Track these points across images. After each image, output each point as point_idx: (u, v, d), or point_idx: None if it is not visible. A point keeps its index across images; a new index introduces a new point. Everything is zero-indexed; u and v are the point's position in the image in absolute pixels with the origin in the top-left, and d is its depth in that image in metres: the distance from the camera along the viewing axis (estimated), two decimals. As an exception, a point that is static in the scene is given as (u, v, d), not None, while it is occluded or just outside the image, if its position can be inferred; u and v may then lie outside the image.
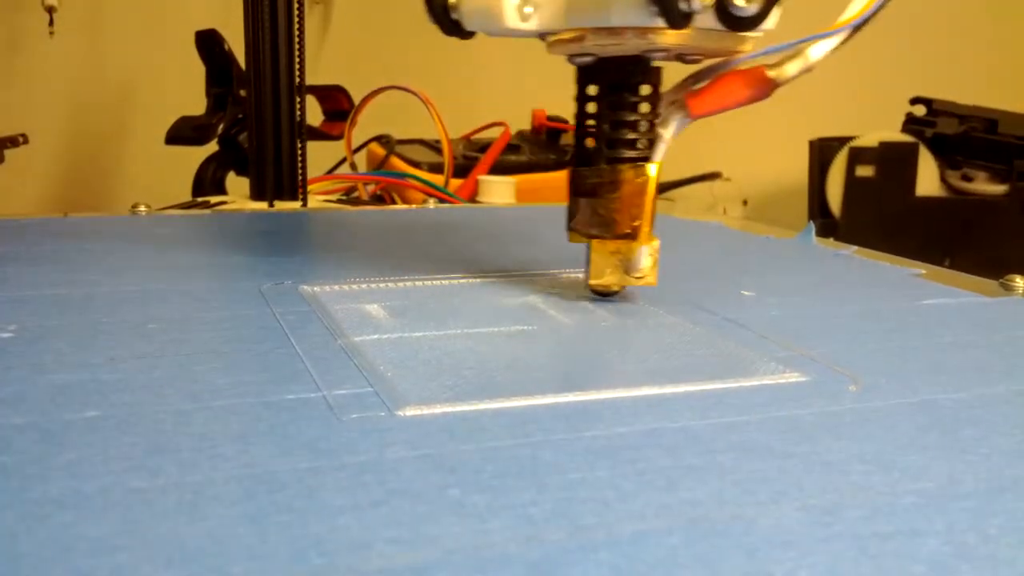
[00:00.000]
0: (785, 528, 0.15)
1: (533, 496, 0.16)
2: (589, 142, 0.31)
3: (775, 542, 0.15)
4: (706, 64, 0.31)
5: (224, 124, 0.69)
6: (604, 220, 0.30)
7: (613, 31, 0.28)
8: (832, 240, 0.47)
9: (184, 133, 0.70)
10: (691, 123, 0.31)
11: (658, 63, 0.30)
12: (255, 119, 0.61)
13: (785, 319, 0.30)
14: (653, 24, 0.27)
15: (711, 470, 0.18)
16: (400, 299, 0.32)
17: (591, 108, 0.31)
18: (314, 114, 0.73)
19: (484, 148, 0.78)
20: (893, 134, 0.97)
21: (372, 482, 0.17)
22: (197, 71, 0.71)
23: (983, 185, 0.95)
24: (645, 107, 0.30)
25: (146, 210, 0.50)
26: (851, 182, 0.96)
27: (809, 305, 0.32)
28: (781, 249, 0.43)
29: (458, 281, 0.34)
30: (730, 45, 0.30)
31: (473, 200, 0.73)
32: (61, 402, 0.21)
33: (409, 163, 0.78)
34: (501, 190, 0.73)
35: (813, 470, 0.18)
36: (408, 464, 0.18)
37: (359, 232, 0.47)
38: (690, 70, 0.31)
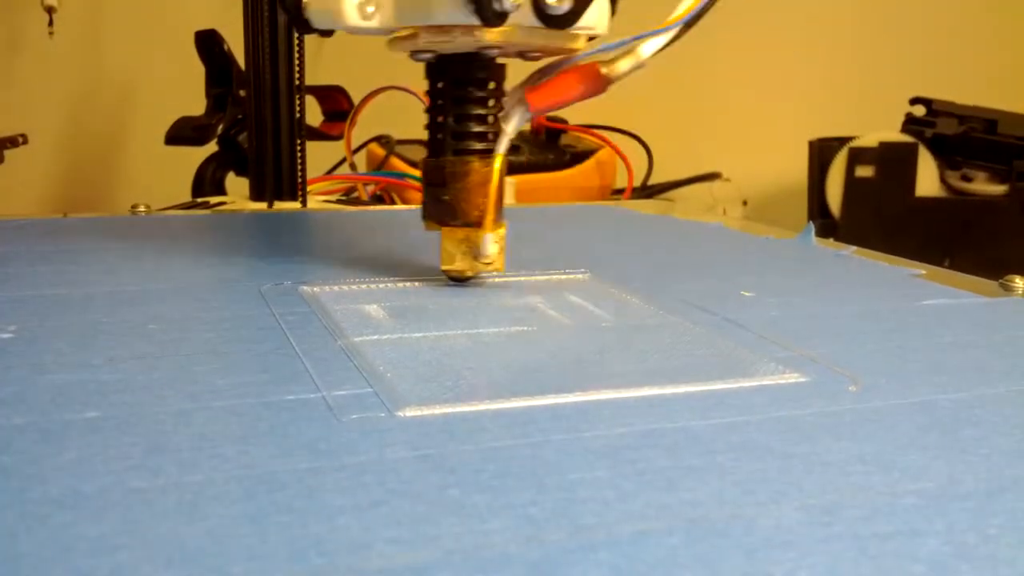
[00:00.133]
0: (785, 528, 0.15)
1: (533, 496, 0.16)
2: (438, 135, 0.32)
3: (775, 542, 0.15)
4: (546, 62, 0.32)
5: (224, 124, 0.69)
6: (452, 209, 0.32)
7: (443, 29, 0.29)
8: (832, 240, 0.47)
9: (184, 133, 0.70)
10: (532, 116, 0.33)
11: (501, 60, 0.32)
12: (255, 119, 0.61)
13: (785, 319, 0.30)
14: (476, 22, 0.28)
15: (711, 470, 0.18)
16: (400, 299, 0.32)
17: (440, 102, 0.32)
18: (314, 114, 0.73)
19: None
20: (893, 134, 0.97)
21: (372, 482, 0.17)
22: (197, 71, 0.71)
23: (983, 185, 0.95)
24: (488, 102, 0.32)
25: (146, 210, 0.50)
26: (851, 182, 0.96)
27: (809, 305, 0.32)
28: (781, 249, 0.43)
29: (458, 281, 0.34)
30: (562, 43, 0.31)
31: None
32: (61, 402, 0.21)
33: (409, 163, 0.78)
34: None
35: (813, 470, 0.18)
36: (408, 464, 0.18)
37: (359, 232, 0.47)
38: (536, 67, 0.33)
